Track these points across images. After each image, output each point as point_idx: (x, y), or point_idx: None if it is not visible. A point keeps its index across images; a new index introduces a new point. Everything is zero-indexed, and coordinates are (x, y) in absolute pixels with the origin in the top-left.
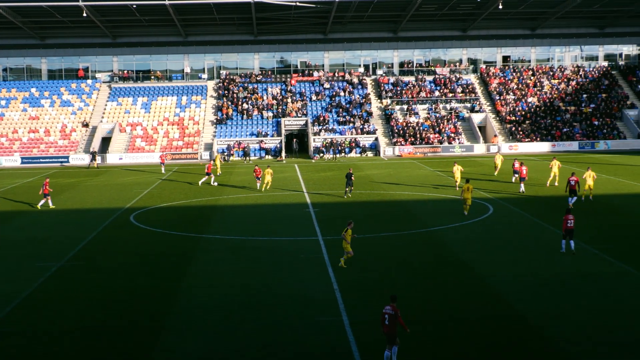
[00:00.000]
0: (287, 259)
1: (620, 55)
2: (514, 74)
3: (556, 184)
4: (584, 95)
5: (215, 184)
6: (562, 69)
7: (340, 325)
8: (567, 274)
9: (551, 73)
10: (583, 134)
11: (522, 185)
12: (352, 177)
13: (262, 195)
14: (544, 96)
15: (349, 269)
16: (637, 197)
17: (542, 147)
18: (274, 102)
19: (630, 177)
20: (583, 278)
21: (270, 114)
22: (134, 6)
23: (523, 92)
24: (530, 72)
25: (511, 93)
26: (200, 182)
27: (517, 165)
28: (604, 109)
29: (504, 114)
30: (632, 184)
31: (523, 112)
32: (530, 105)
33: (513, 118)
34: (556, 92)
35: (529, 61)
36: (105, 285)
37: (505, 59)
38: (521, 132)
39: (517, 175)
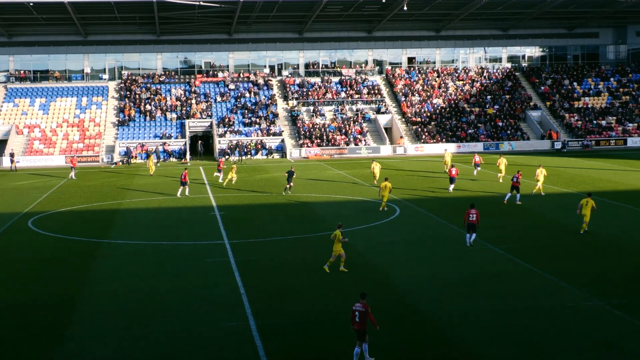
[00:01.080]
0: (192, 263)
1: (523, 56)
2: (419, 75)
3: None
4: (488, 97)
5: (186, 193)
6: (467, 71)
7: (247, 330)
8: (473, 274)
9: (456, 74)
10: (487, 135)
11: (452, 186)
12: (294, 175)
13: (166, 199)
14: (449, 97)
15: (256, 272)
16: (540, 197)
17: (448, 148)
18: (178, 103)
19: (533, 177)
20: (489, 278)
21: (174, 116)
22: (31, 4)
23: (428, 94)
24: (436, 74)
25: (417, 94)
26: (178, 194)
27: (477, 158)
28: (507, 110)
29: (409, 115)
30: (535, 184)
31: (428, 114)
32: (435, 106)
33: (419, 119)
34: (461, 94)
35: (434, 62)
36: None
37: (411, 60)
38: (427, 134)
39: (479, 168)
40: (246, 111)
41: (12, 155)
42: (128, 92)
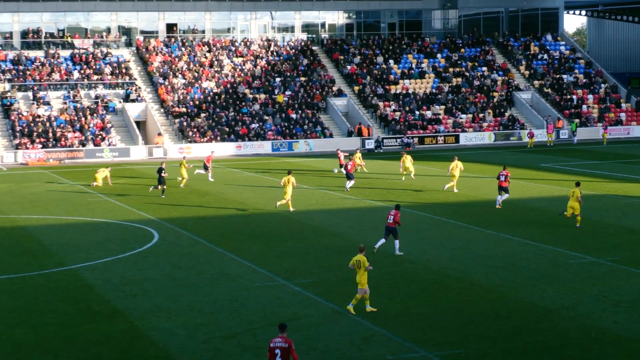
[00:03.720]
0: None
1: (323, 25)
2: (183, 49)
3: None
4: (278, 79)
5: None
6: (248, 43)
7: None
8: (261, 319)
9: (233, 48)
10: (277, 131)
11: (349, 183)
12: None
13: None
14: (225, 80)
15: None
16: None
17: (224, 148)
18: None
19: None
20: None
21: None
22: None
23: (196, 75)
24: (206, 47)
25: (180, 75)
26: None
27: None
28: (303, 98)
29: (170, 104)
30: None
31: (197, 102)
32: (206, 92)
33: (183, 110)
34: (241, 75)
35: (203, 32)
36: None
37: (171, 28)
38: (195, 130)
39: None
40: None
41: None
42: None
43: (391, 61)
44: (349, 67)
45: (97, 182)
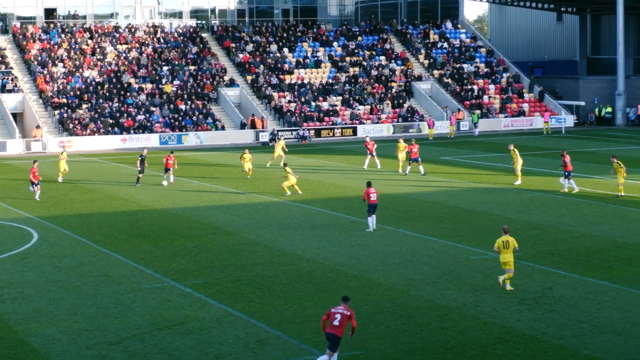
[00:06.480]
0: None
1: (213, 11)
2: (63, 35)
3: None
4: (165, 68)
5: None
6: (133, 30)
7: None
8: (148, 324)
9: (117, 35)
10: (165, 123)
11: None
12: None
13: None
14: (108, 69)
15: None
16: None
17: (108, 142)
18: None
19: (216, 180)
20: (170, 329)
21: None
22: None
23: (77, 63)
24: (88, 34)
25: (60, 64)
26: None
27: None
28: (193, 88)
29: (50, 94)
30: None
31: (78, 93)
32: (88, 81)
33: (64, 101)
34: (125, 63)
35: (85, 17)
36: None
37: (50, 13)
38: (76, 122)
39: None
40: None
41: None
42: None
43: (285, 49)
44: (241, 55)
45: None
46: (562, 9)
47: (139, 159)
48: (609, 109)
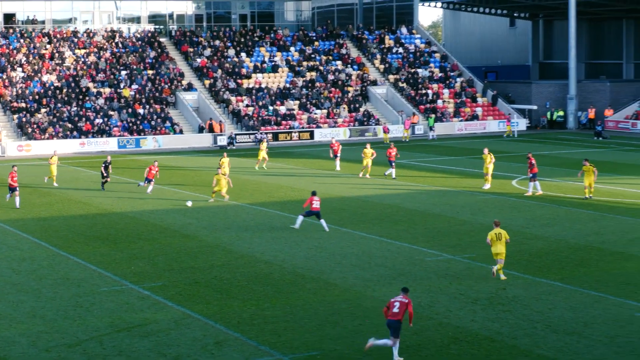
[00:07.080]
0: None
1: (171, 16)
2: (22, 40)
3: (367, 175)
4: (123, 73)
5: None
6: (91, 34)
7: None
8: (106, 326)
9: (75, 40)
10: (124, 127)
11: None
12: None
13: None
14: (67, 73)
15: None
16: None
17: (67, 146)
18: None
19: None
20: (129, 331)
21: None
22: None
23: (36, 67)
24: (46, 39)
25: (19, 68)
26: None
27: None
28: (151, 92)
29: (8, 98)
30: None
31: (37, 97)
32: (47, 85)
33: (22, 105)
34: (84, 67)
35: (43, 22)
36: None
37: (10, 18)
38: (35, 126)
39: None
40: None
41: None
42: None
43: (243, 54)
44: (199, 60)
45: None
46: (515, 14)
47: (103, 165)
48: (561, 113)
